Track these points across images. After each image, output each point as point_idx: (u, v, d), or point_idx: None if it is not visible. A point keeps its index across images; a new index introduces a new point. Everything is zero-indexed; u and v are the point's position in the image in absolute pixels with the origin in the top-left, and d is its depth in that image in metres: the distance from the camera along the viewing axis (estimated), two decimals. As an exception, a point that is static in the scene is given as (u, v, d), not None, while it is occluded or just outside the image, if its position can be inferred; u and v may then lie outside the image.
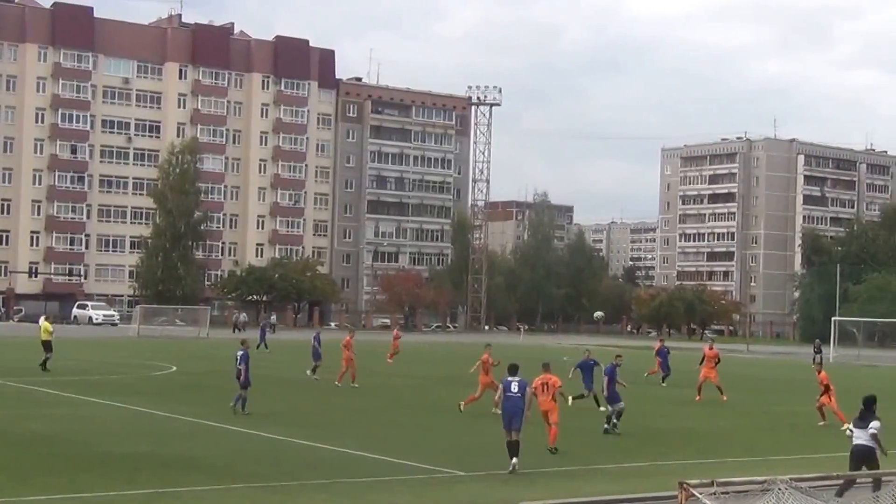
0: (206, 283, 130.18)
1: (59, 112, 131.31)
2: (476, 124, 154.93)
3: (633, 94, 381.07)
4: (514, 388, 21.95)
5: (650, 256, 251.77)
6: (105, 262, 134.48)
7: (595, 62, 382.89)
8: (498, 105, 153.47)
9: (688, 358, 52.18)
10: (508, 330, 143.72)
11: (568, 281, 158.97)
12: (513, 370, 22.61)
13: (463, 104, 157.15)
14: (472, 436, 26.82)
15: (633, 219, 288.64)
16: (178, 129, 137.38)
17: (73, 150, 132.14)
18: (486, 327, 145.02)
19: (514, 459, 21.12)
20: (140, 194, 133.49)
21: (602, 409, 37.43)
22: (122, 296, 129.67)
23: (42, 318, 45.16)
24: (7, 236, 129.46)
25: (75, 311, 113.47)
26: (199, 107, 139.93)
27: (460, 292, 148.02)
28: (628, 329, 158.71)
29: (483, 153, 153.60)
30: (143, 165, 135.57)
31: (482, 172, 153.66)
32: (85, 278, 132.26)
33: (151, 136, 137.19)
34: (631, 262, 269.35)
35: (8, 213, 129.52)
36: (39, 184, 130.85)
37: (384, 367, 51.62)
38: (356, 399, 34.86)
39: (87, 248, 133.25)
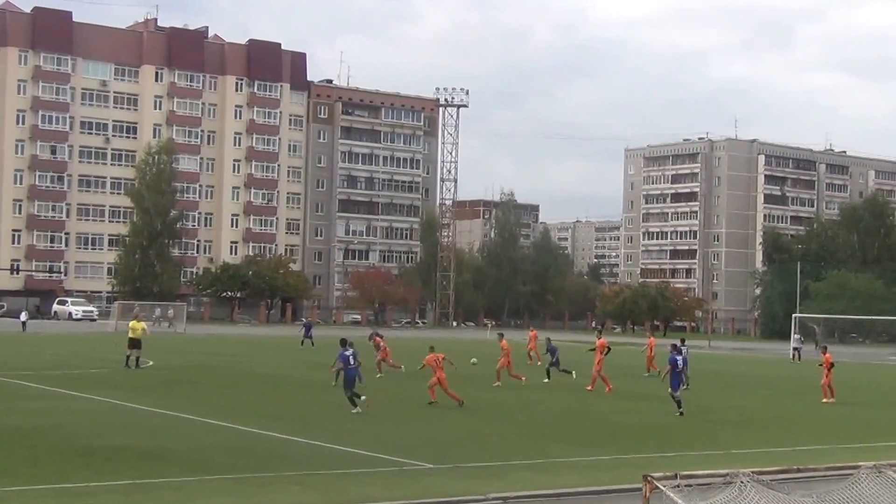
0: (182, 279, 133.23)
1: (40, 114, 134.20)
2: (444, 125, 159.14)
3: (598, 96, 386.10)
4: (352, 360, 29.78)
5: (614, 254, 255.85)
6: (84, 259, 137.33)
7: (561, 64, 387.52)
8: (465, 106, 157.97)
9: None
10: (476, 325, 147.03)
11: (534, 278, 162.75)
12: (344, 343, 30.34)
13: (431, 106, 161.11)
14: (441, 429, 27.26)
15: (597, 217, 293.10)
16: (155, 130, 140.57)
17: (53, 151, 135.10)
18: (454, 323, 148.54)
19: (357, 409, 28.88)
20: (118, 193, 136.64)
21: (545, 380, 42.14)
22: (101, 292, 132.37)
23: (132, 318, 46.63)
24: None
25: (55, 307, 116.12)
26: (175, 108, 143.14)
27: (429, 289, 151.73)
28: (593, 325, 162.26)
29: (451, 153, 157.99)
30: (121, 165, 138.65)
31: (450, 172, 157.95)
32: (65, 275, 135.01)
33: (129, 137, 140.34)
34: (595, 260, 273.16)
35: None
36: (20, 183, 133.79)
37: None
38: (330, 394, 34.03)
39: (66, 245, 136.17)
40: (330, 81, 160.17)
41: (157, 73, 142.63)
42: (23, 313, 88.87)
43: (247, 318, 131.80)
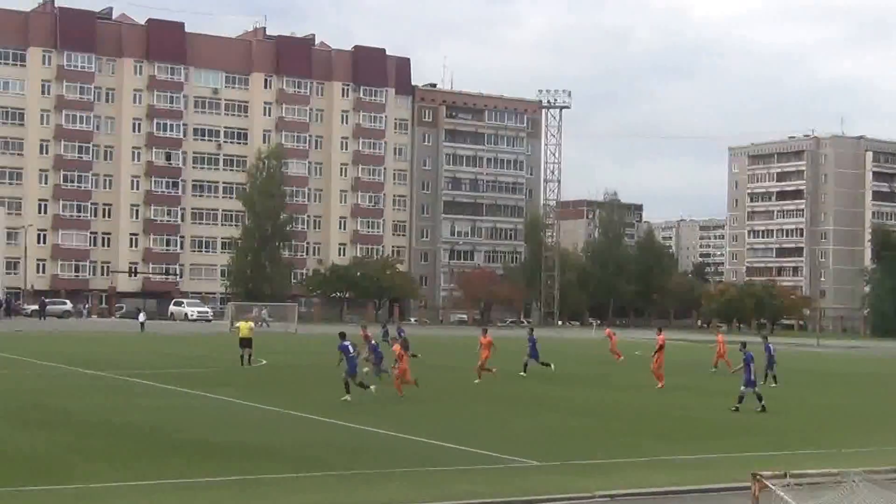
0: (293, 281, 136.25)
1: (155, 122, 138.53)
2: (547, 127, 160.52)
3: (700, 95, 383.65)
4: (351, 350, 32.59)
5: (719, 253, 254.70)
6: (198, 261, 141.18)
7: (662, 64, 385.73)
8: (568, 108, 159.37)
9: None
10: (581, 325, 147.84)
11: (638, 277, 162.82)
12: (343, 336, 32.90)
13: (534, 107, 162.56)
14: (548, 426, 27.23)
15: (701, 216, 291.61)
16: (264, 135, 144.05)
17: (168, 157, 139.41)
18: (559, 322, 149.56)
19: (347, 396, 31.35)
20: (230, 198, 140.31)
21: (521, 374, 43.18)
22: (215, 293, 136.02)
23: (243, 318, 47.84)
24: (109, 238, 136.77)
25: (172, 308, 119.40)
26: (284, 114, 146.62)
27: (533, 289, 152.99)
28: (698, 324, 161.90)
29: (554, 154, 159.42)
30: (233, 171, 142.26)
31: (553, 173, 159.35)
32: (180, 277, 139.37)
33: (239, 143, 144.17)
34: (700, 259, 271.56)
35: (109, 216, 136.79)
36: (137, 189, 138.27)
37: (457, 361, 52.11)
38: (431, 391, 34.79)
39: (181, 248, 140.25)
40: (434, 85, 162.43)
41: (266, 80, 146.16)
42: (141, 314, 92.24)
43: (355, 318, 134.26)
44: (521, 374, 43.30)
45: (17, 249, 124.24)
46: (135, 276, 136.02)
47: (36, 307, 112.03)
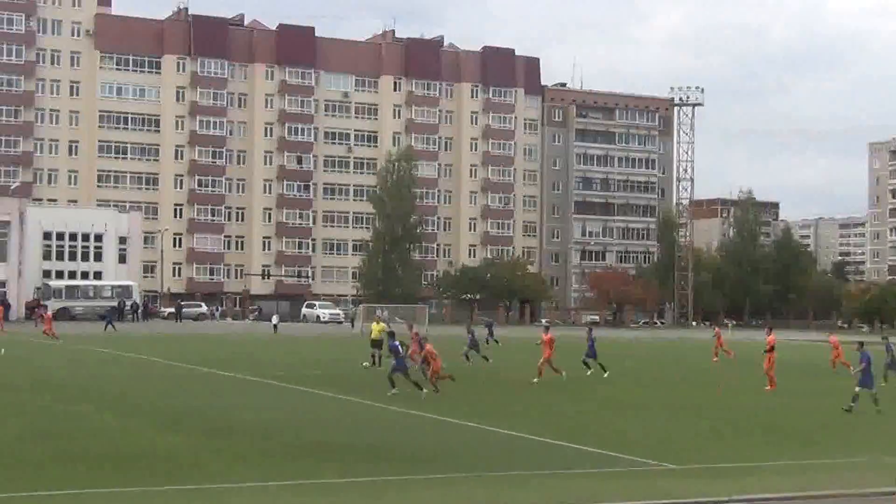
0: (423, 282, 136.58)
1: (286, 126, 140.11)
2: (679, 125, 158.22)
3: (838, 90, 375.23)
4: (400, 349, 33.85)
5: (860, 251, 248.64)
6: (330, 264, 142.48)
7: (797, 58, 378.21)
8: (700, 105, 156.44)
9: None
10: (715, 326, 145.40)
11: (775, 277, 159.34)
12: (392, 336, 34.71)
13: (666, 105, 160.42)
14: (678, 429, 27.04)
15: (840, 214, 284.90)
16: (394, 138, 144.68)
17: (299, 161, 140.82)
18: (693, 323, 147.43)
19: (395, 390, 32.43)
20: (360, 200, 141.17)
21: (588, 373, 42.31)
22: (346, 295, 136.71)
23: (374, 320, 48.40)
24: (242, 241, 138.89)
25: (304, 310, 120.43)
26: (413, 116, 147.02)
27: (667, 289, 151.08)
28: (839, 324, 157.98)
29: (686, 152, 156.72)
30: (363, 173, 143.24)
31: (686, 171, 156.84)
32: (312, 279, 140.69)
33: (370, 146, 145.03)
34: (840, 258, 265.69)
35: (243, 220, 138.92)
36: (270, 193, 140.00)
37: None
38: (555, 393, 35.28)
39: (313, 251, 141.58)
40: (563, 85, 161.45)
41: (395, 82, 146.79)
42: (274, 316, 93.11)
43: (485, 319, 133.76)
44: (588, 372, 43.08)
45: (153, 253, 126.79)
46: (268, 278, 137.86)
47: (172, 310, 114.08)
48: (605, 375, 42.40)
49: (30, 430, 24.28)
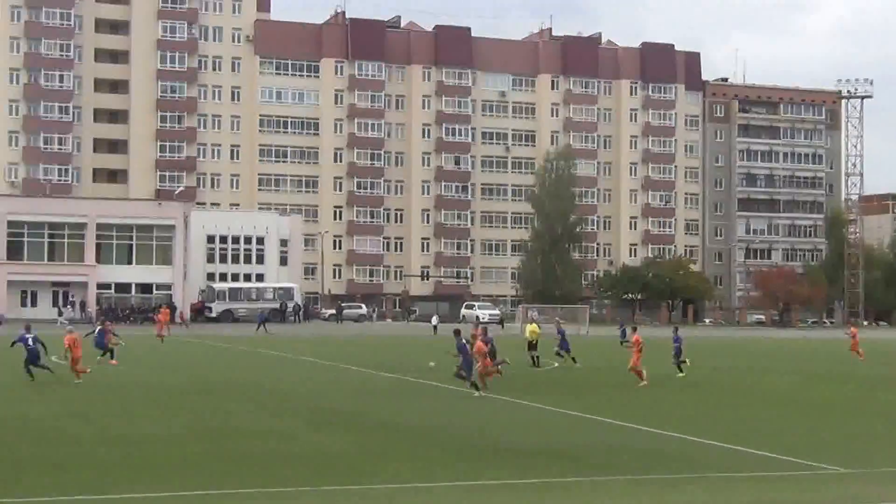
0: (584, 282, 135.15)
1: (444, 126, 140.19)
2: (847, 118, 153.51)
3: None
4: (469, 348, 33.76)
5: None
6: (488, 264, 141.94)
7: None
8: (870, 97, 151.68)
9: None
10: (888, 324, 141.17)
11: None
12: (458, 334, 34.72)
13: (833, 98, 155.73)
14: (852, 433, 26.04)
15: None
16: (552, 137, 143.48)
17: (457, 162, 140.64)
18: (865, 322, 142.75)
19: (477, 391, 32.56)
20: (518, 200, 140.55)
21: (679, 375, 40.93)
22: (506, 296, 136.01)
23: (529, 321, 48.42)
24: (401, 243, 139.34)
25: (463, 310, 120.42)
26: (571, 115, 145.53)
27: (836, 287, 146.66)
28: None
29: (855, 146, 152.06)
30: (521, 173, 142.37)
31: (854, 166, 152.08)
32: (471, 280, 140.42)
33: (527, 145, 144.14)
34: None
35: (401, 221, 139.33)
36: (428, 194, 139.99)
37: (755, 362, 52.35)
38: (725, 394, 35.17)
39: (471, 252, 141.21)
40: (725, 80, 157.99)
41: (553, 81, 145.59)
42: (434, 317, 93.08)
43: (648, 319, 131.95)
44: (679, 374, 41.57)
45: (314, 255, 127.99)
46: (427, 279, 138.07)
47: (333, 311, 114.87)
48: (680, 376, 41.45)
49: (191, 429, 24.62)
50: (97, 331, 45.75)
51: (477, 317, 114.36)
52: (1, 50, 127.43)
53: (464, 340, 34.30)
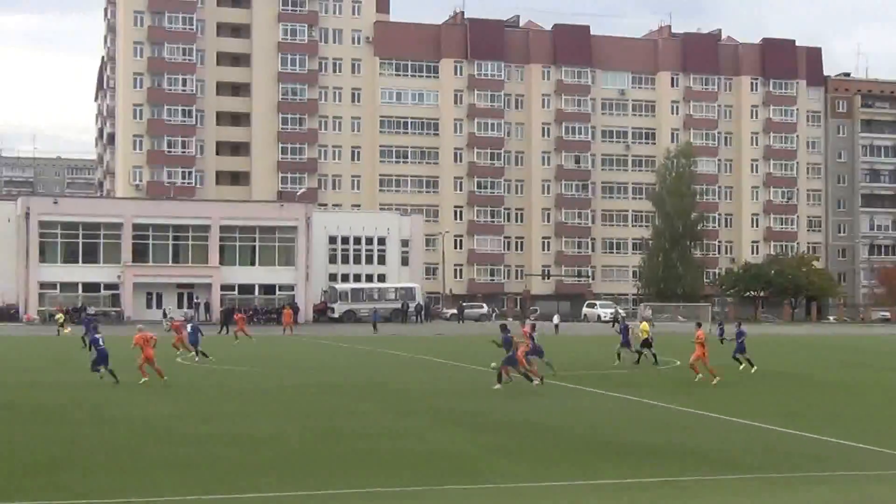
0: (705, 280, 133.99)
1: (563, 125, 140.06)
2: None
3: None
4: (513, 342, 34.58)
5: None
6: (609, 263, 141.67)
7: None
8: None
9: None
10: None
11: None
12: (506, 329, 35.54)
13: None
14: None
15: None
16: (672, 134, 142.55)
17: (577, 160, 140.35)
18: None
19: (499, 385, 33.95)
20: (639, 198, 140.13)
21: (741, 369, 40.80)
22: (627, 294, 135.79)
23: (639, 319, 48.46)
24: (522, 242, 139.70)
25: (584, 309, 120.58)
26: (691, 112, 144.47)
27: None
28: None
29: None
30: (641, 171, 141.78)
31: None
32: (592, 279, 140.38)
33: (647, 143, 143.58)
34: None
35: (522, 220, 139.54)
36: (548, 193, 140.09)
37: (881, 360, 51.89)
38: (850, 392, 34.96)
39: (592, 250, 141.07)
40: (847, 75, 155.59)
41: (672, 78, 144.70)
42: (555, 316, 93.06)
43: (770, 317, 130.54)
44: (741, 368, 41.50)
45: (435, 255, 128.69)
46: (548, 279, 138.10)
47: (454, 311, 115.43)
48: (752, 370, 41.17)
49: (314, 429, 24.84)
50: (190, 328, 47.93)
51: (598, 315, 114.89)
52: (125, 55, 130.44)
53: (510, 334, 34.82)
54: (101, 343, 35.24)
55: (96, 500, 16.71)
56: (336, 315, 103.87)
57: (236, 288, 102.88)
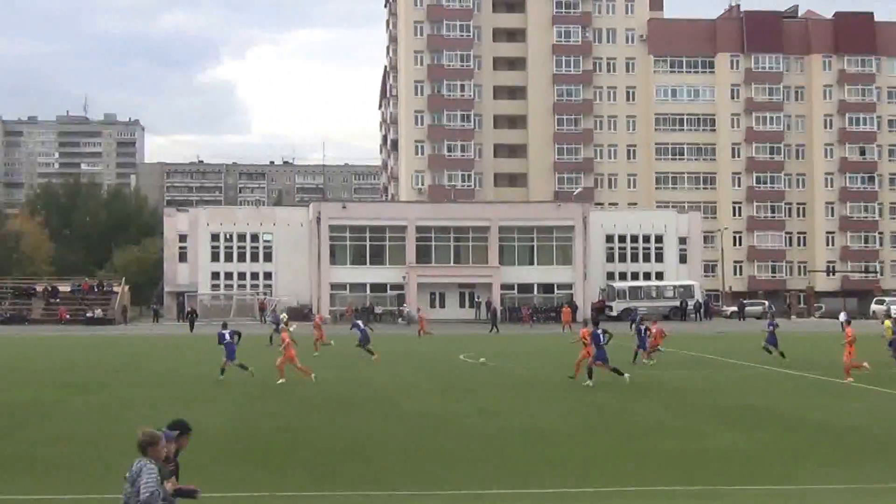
0: None
1: (846, 116, 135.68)
2: None
3: None
4: (602, 338, 34.42)
5: None
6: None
7: None
8: None
9: None
10: None
11: None
12: (597, 324, 35.49)
13: None
14: None
15: None
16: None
17: (862, 152, 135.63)
18: None
19: (589, 382, 34.10)
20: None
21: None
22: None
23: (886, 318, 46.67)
24: (804, 237, 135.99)
25: (873, 306, 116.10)
26: None
27: None
28: None
29: None
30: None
31: None
32: (880, 274, 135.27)
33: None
34: None
35: (804, 215, 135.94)
36: (831, 186, 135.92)
37: None
38: None
39: (880, 245, 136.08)
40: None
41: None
42: (841, 314, 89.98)
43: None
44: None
45: (713, 252, 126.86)
46: (832, 275, 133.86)
47: (735, 308, 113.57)
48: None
49: (591, 426, 25.14)
50: (358, 327, 49.13)
51: (887, 311, 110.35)
52: (406, 64, 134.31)
53: (599, 331, 34.71)
54: (227, 338, 37.39)
55: (403, 492, 17.54)
56: (614, 313, 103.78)
57: (515, 287, 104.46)
